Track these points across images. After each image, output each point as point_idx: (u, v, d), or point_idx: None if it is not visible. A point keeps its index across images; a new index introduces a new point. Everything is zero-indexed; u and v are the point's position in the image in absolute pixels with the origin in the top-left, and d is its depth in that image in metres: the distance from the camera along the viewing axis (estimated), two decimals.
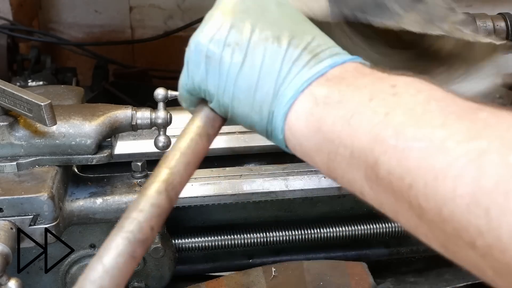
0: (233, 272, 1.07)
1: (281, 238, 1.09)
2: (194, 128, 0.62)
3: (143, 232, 0.53)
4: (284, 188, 1.06)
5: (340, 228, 1.10)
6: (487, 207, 0.40)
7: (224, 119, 0.64)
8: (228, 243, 1.08)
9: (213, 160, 1.20)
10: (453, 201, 0.42)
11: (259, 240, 1.08)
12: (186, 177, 0.59)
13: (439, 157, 0.44)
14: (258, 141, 1.21)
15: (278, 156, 1.22)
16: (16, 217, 0.80)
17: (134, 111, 0.89)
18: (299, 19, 0.61)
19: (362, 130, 0.50)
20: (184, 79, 0.64)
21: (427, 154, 0.45)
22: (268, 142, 1.24)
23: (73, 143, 0.85)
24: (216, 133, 0.64)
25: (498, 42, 0.71)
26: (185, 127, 0.63)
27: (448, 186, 0.43)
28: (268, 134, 0.60)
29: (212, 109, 0.63)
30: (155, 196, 0.55)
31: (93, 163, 0.87)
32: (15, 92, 0.80)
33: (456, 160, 0.43)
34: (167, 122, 0.90)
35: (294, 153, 0.59)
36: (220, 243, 1.08)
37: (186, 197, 1.04)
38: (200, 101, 0.64)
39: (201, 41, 0.60)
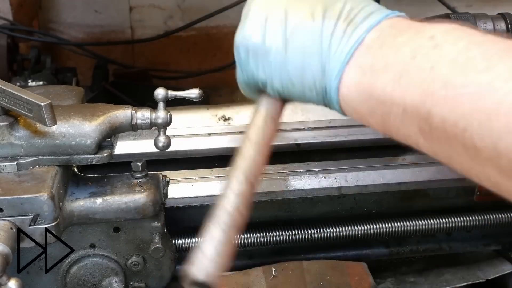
0: (233, 272, 1.07)
1: (281, 238, 1.09)
2: (259, 116, 0.68)
3: (234, 219, 0.61)
4: (284, 188, 1.06)
5: (340, 228, 1.10)
6: None
7: (284, 100, 0.68)
8: None
9: (213, 160, 1.20)
10: (508, 134, 0.46)
11: (259, 240, 1.08)
12: (261, 161, 0.65)
13: (489, 98, 0.47)
14: None
15: (278, 156, 1.22)
16: (16, 217, 0.80)
17: (134, 111, 0.89)
18: None
19: (411, 87, 0.53)
20: (239, 75, 0.69)
21: (478, 97, 0.48)
22: None
23: (73, 143, 0.85)
24: (280, 114, 0.69)
25: None
26: (251, 117, 0.69)
27: (502, 122, 0.46)
28: (326, 105, 0.64)
29: (270, 95, 0.68)
30: (238, 187, 0.63)
31: (93, 163, 0.87)
32: (15, 92, 0.80)
33: (506, 97, 0.46)
34: (167, 122, 0.90)
35: (352, 117, 0.63)
36: None
37: (186, 197, 1.04)
38: (259, 90, 0.69)
39: (243, 39, 0.64)
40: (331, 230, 1.10)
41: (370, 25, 0.58)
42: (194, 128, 1.23)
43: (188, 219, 1.10)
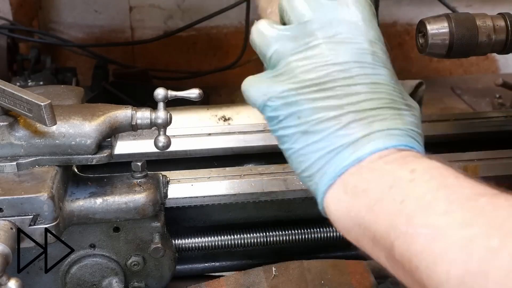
0: (233, 272, 1.07)
1: (281, 238, 1.09)
2: None
3: None
4: (284, 188, 1.06)
5: None
6: (472, 286, 0.47)
7: None
8: (228, 243, 1.08)
9: (213, 160, 1.20)
10: (447, 282, 0.49)
11: (259, 240, 1.08)
12: None
13: (439, 242, 0.50)
14: (258, 141, 1.21)
15: (278, 156, 1.22)
16: (16, 217, 0.80)
17: (134, 111, 0.89)
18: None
19: (382, 217, 0.56)
20: None
21: (431, 239, 0.51)
22: (268, 142, 1.24)
23: (73, 143, 0.85)
24: None
25: None
26: None
27: (444, 269, 0.49)
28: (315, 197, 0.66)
29: None
30: None
31: (93, 163, 0.87)
32: (15, 92, 0.80)
33: (452, 246, 0.49)
34: (167, 122, 0.90)
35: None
36: (220, 243, 1.08)
37: (186, 197, 1.04)
38: None
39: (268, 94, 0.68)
40: (331, 230, 1.09)
41: (376, 148, 0.59)
42: (194, 128, 1.23)
43: (188, 219, 1.10)
